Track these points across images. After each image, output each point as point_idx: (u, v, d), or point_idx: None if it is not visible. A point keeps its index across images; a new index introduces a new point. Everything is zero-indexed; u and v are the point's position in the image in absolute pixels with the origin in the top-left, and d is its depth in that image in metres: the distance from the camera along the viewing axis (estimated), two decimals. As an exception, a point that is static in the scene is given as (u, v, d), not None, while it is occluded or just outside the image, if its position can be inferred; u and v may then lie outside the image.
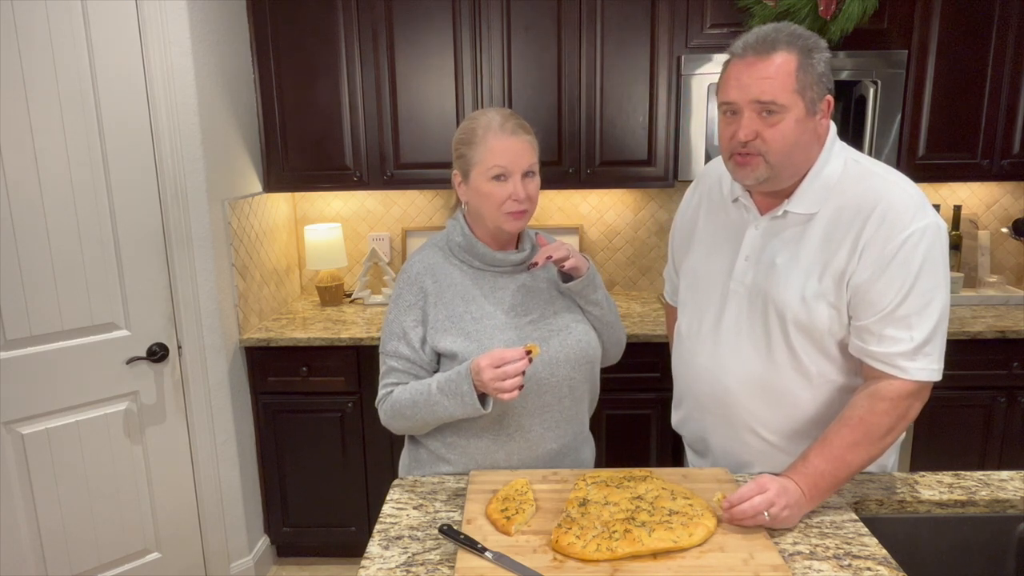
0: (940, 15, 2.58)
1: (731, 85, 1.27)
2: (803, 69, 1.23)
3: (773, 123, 1.24)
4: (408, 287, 1.49)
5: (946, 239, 1.28)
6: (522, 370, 1.29)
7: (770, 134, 1.25)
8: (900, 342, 1.26)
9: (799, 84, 1.23)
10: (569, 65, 2.68)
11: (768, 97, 1.22)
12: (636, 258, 3.19)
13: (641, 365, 2.42)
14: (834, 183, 1.31)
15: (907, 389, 1.27)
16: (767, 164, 1.27)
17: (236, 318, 2.59)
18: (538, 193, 1.47)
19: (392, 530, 1.28)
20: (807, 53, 1.24)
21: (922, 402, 1.31)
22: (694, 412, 1.54)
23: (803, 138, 1.27)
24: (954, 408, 2.61)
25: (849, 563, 1.15)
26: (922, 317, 1.25)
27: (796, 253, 1.33)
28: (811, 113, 1.26)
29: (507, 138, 1.41)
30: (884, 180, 1.30)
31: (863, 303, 1.28)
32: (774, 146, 1.25)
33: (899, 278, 1.24)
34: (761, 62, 1.23)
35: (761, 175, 1.28)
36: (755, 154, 1.27)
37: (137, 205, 2.23)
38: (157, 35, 2.19)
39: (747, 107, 1.25)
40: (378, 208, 3.17)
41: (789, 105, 1.23)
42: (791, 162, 1.28)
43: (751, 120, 1.25)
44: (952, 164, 2.72)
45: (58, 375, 2.13)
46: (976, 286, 3.00)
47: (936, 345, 1.28)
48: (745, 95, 1.24)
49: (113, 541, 2.31)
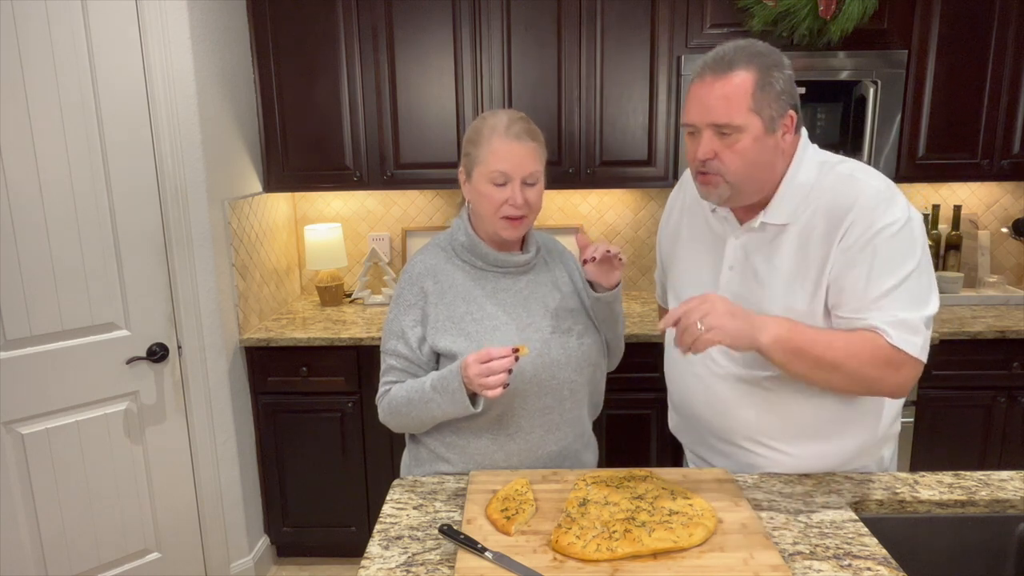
0: (940, 15, 2.58)
1: (691, 107, 1.29)
2: (761, 88, 1.24)
3: (730, 144, 1.26)
4: (409, 287, 1.49)
5: (920, 228, 1.28)
6: (508, 367, 1.29)
7: (727, 155, 1.27)
8: (882, 318, 1.24)
9: (755, 103, 1.24)
10: (569, 65, 2.68)
11: (723, 119, 1.24)
12: (636, 258, 3.19)
13: (641, 365, 2.41)
14: (808, 191, 1.32)
15: (890, 350, 1.24)
16: (727, 183, 1.29)
17: (236, 318, 2.59)
18: (540, 201, 1.46)
19: (392, 530, 1.28)
20: (766, 71, 1.25)
21: (903, 379, 1.26)
22: (690, 420, 1.55)
23: (762, 156, 1.28)
24: (954, 408, 2.61)
25: (849, 563, 1.15)
26: (901, 301, 1.24)
27: (777, 263, 1.34)
28: (770, 131, 1.27)
29: (510, 142, 1.40)
30: (855, 181, 1.30)
31: (841, 293, 1.28)
32: (731, 166, 1.27)
33: (868, 266, 1.25)
34: (718, 82, 1.25)
35: (723, 193, 1.31)
36: (714, 173, 1.29)
37: (137, 205, 2.23)
38: (157, 35, 2.19)
39: (705, 128, 1.27)
40: (378, 208, 3.17)
41: (744, 125, 1.24)
42: (752, 179, 1.30)
43: (709, 140, 1.27)
44: (952, 164, 2.72)
45: (58, 375, 2.13)
46: (976, 286, 3.00)
47: (918, 328, 1.25)
48: (703, 117, 1.27)
49: (113, 541, 2.31)
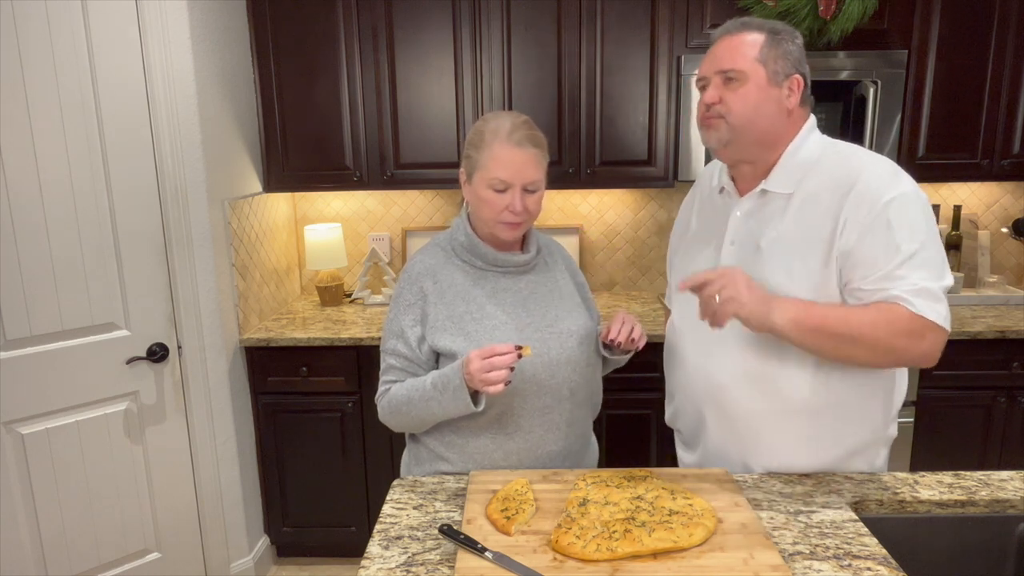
0: (940, 15, 2.59)
1: (704, 62, 1.40)
2: (768, 45, 1.33)
3: (734, 88, 1.34)
4: (408, 286, 1.49)
5: (926, 203, 1.30)
6: (510, 364, 1.29)
7: (731, 98, 1.34)
8: (903, 287, 1.24)
9: (761, 55, 1.33)
10: (569, 65, 2.68)
11: (728, 65, 1.34)
12: (636, 258, 3.19)
13: (641, 365, 2.39)
14: (811, 164, 1.37)
15: (910, 319, 1.24)
16: (728, 126, 1.35)
17: (236, 318, 2.59)
18: (539, 206, 1.46)
19: (392, 530, 1.28)
20: (775, 34, 1.35)
21: (928, 347, 1.26)
22: (687, 405, 1.55)
23: (766, 106, 1.34)
24: (954, 408, 2.61)
25: (849, 563, 1.15)
26: (920, 270, 1.25)
27: (778, 233, 1.36)
28: (774, 83, 1.34)
29: (512, 149, 1.39)
30: (860, 159, 1.35)
31: (856, 266, 1.29)
32: (734, 108, 1.34)
33: (883, 237, 1.26)
34: (730, 38, 1.36)
35: (723, 136, 1.36)
36: (717, 116, 1.36)
37: (137, 205, 2.23)
38: (157, 35, 2.19)
39: (713, 77, 1.36)
40: (378, 208, 3.17)
41: (749, 72, 1.32)
42: (753, 128, 1.35)
43: (716, 87, 1.36)
44: (952, 164, 2.72)
45: (58, 375, 2.13)
46: (976, 286, 2.99)
47: (939, 296, 1.25)
48: (711, 67, 1.37)
49: (113, 541, 2.31)
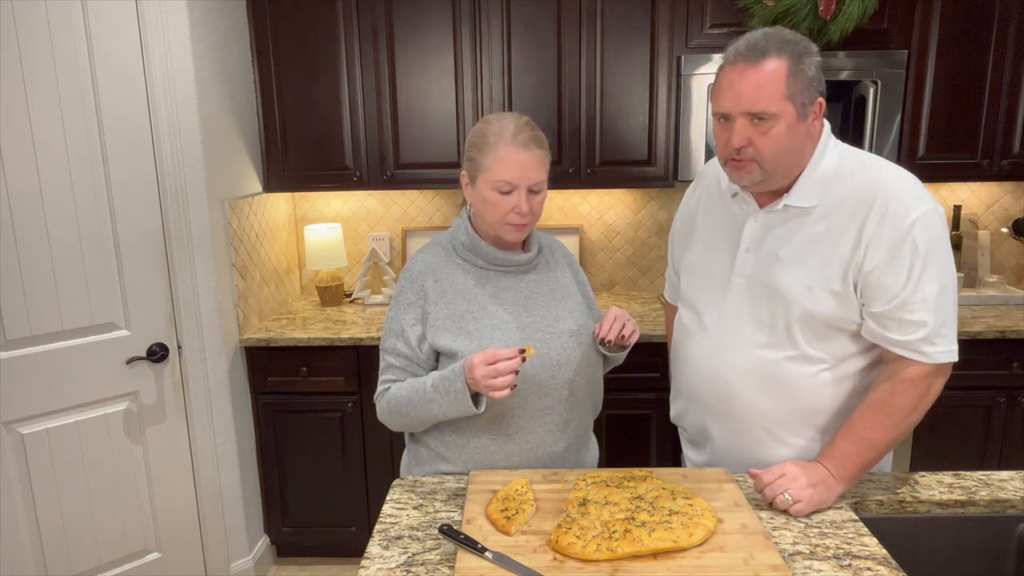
0: (940, 15, 2.58)
1: (724, 95, 1.31)
2: (793, 75, 1.26)
3: (764, 130, 1.28)
4: (409, 286, 1.49)
5: (943, 217, 1.33)
6: (515, 369, 1.29)
7: (762, 141, 1.29)
8: (919, 327, 1.29)
9: (789, 90, 1.26)
10: (569, 65, 2.68)
11: (759, 108, 1.26)
12: (636, 258, 3.19)
13: (641, 365, 2.41)
14: (831, 176, 1.35)
15: (928, 370, 1.32)
16: (761, 168, 1.32)
17: (236, 318, 2.59)
18: (543, 207, 1.46)
19: (392, 530, 1.28)
20: (797, 58, 1.27)
21: (944, 378, 1.35)
22: (693, 404, 1.56)
23: (795, 142, 1.31)
24: (954, 408, 2.61)
25: (849, 563, 1.15)
26: (937, 300, 1.29)
27: (798, 245, 1.36)
28: (802, 117, 1.29)
29: (517, 151, 1.38)
30: (880, 171, 1.35)
31: (876, 289, 1.31)
32: (766, 152, 1.29)
33: (908, 263, 1.28)
34: (751, 70, 1.26)
35: (756, 178, 1.33)
36: (748, 160, 1.31)
37: (137, 205, 2.23)
38: (157, 35, 2.19)
39: (739, 116, 1.29)
40: (378, 208, 3.17)
41: (779, 113, 1.27)
42: (784, 165, 1.33)
43: (743, 127, 1.29)
44: (952, 164, 2.72)
45: (58, 375, 2.13)
46: (976, 286, 2.99)
47: (951, 327, 1.32)
48: (737, 105, 1.28)
49: (113, 541, 2.31)
